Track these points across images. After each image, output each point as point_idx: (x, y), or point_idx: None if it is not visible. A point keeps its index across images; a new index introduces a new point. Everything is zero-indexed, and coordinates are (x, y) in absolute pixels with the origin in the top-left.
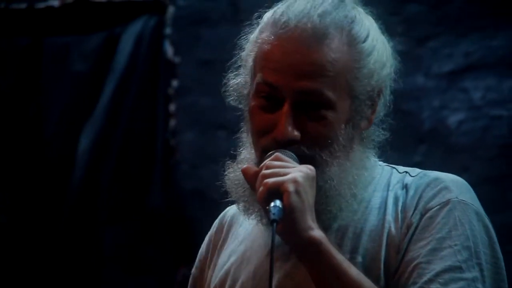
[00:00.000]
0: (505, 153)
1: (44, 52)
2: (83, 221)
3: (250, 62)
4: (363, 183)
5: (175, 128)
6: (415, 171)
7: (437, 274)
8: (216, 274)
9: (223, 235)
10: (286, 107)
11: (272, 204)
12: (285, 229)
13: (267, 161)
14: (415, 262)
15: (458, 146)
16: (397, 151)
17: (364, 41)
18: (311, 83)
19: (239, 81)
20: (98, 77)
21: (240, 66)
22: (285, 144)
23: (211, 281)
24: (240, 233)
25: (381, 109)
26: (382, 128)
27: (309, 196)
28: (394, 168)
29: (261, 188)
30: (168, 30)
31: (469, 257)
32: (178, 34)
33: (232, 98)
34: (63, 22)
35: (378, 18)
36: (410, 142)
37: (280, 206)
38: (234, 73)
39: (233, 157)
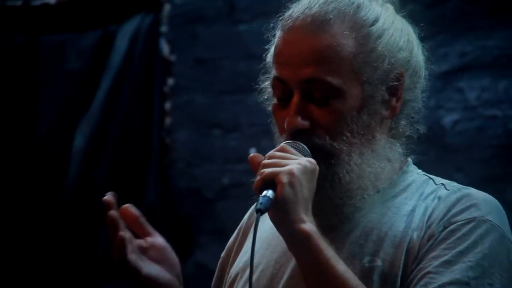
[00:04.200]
0: (500, 153)
1: (40, 50)
2: (77, 219)
3: (271, 63)
4: (387, 176)
5: (171, 126)
6: (451, 184)
7: (442, 285)
8: (240, 258)
9: (253, 222)
10: (294, 98)
11: (263, 193)
12: (276, 220)
13: (270, 152)
14: (425, 271)
15: (453, 146)
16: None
17: (372, 24)
18: (313, 70)
19: (268, 85)
20: (93, 74)
21: (267, 70)
22: (295, 134)
23: (235, 265)
24: (268, 222)
25: (412, 99)
26: (416, 122)
27: (304, 189)
28: (431, 178)
29: (257, 177)
30: (164, 28)
31: (481, 276)
32: (174, 32)
33: (267, 103)
34: (58, 19)
35: None
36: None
37: (271, 196)
38: (265, 77)
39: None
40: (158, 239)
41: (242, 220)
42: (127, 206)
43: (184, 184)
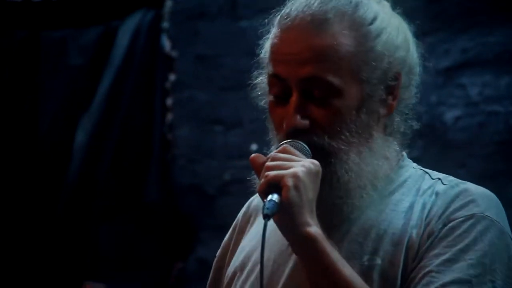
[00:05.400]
0: (501, 150)
1: (41, 46)
2: (78, 215)
3: (266, 59)
4: (385, 175)
5: (172, 122)
6: (447, 178)
7: (445, 285)
8: (237, 257)
9: (248, 220)
10: (293, 97)
11: (268, 197)
12: (282, 223)
13: (273, 153)
14: (426, 270)
15: (454, 142)
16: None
17: (371, 23)
18: (313, 69)
19: (262, 80)
20: (95, 71)
21: (261, 66)
22: (294, 134)
23: (232, 264)
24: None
25: (407, 97)
26: (410, 118)
27: (309, 192)
28: (427, 173)
29: (262, 180)
30: (165, 24)
31: (482, 273)
32: (176, 29)
33: (260, 98)
34: (60, 15)
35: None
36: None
37: (277, 200)
38: (258, 72)
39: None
40: None
41: (237, 218)
42: None
43: (186, 180)
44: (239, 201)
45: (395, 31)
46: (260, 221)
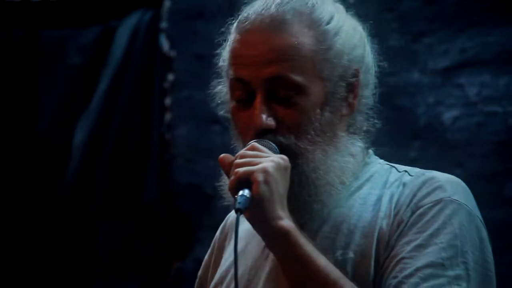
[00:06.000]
0: (499, 150)
1: (40, 45)
2: (77, 215)
3: (225, 67)
4: (351, 171)
5: (170, 122)
6: (414, 170)
7: (418, 269)
8: (218, 271)
9: (226, 235)
10: (258, 98)
11: (240, 193)
12: (254, 218)
13: (241, 151)
14: (399, 257)
15: (453, 142)
16: (391, 147)
17: (328, 23)
18: (277, 68)
19: (221, 89)
20: (93, 70)
21: (220, 75)
22: (261, 134)
23: (213, 281)
24: (241, 232)
25: (366, 96)
26: (372, 117)
27: (280, 186)
28: (393, 167)
29: (232, 177)
30: (164, 24)
31: (454, 255)
32: (174, 28)
33: (220, 107)
34: (59, 15)
35: (373, 14)
36: (405, 138)
37: (248, 195)
38: (217, 81)
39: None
40: None
41: (215, 236)
42: None
43: (184, 180)
44: None
45: (351, 30)
46: (241, 230)
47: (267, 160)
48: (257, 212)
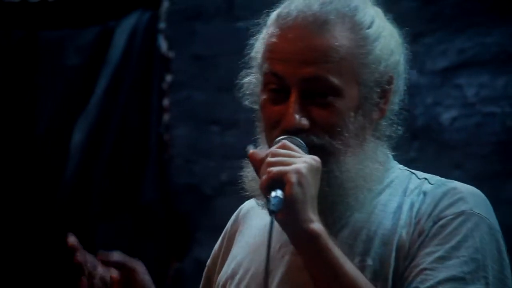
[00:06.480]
0: (498, 150)
1: (39, 46)
2: (75, 215)
3: (259, 59)
4: (377, 177)
5: (169, 122)
6: (434, 178)
7: (440, 282)
8: (228, 265)
9: (238, 228)
10: (293, 96)
11: (273, 194)
12: (285, 220)
13: (273, 148)
14: (420, 268)
15: (451, 143)
16: (390, 147)
17: (369, 27)
18: (315, 69)
19: (250, 80)
20: (92, 71)
21: (251, 65)
22: (293, 133)
23: (223, 272)
24: (256, 226)
25: (394, 101)
26: (396, 123)
27: (312, 188)
28: (413, 173)
29: (264, 176)
30: (162, 25)
31: (475, 270)
32: (172, 29)
33: (246, 98)
34: (57, 15)
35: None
36: (403, 139)
37: (281, 196)
38: (247, 72)
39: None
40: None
41: (226, 227)
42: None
43: (183, 181)
44: (236, 201)
45: (389, 36)
46: (249, 226)
47: (300, 160)
48: (289, 213)
